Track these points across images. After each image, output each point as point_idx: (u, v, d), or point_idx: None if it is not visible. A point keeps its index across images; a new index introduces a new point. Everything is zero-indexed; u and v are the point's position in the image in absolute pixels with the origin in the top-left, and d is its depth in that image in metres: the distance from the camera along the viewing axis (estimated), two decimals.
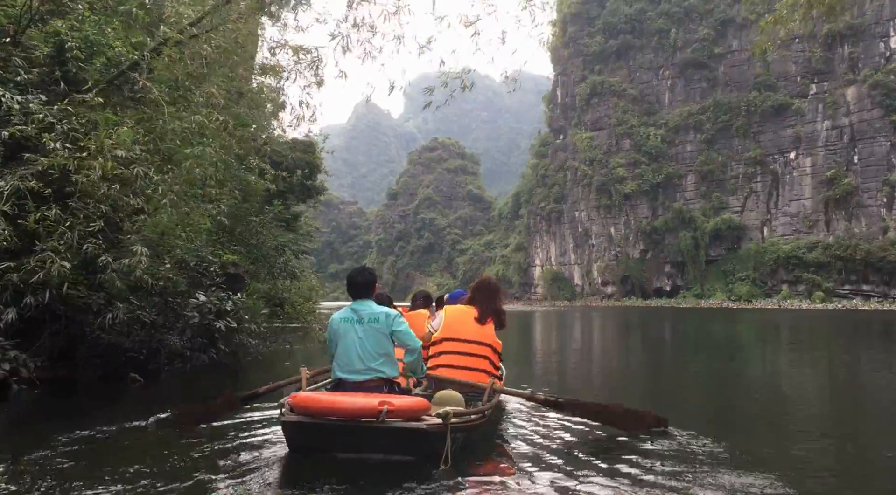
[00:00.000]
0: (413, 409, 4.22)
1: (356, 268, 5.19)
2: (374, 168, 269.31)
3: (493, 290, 5.96)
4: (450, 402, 4.78)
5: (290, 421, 4.26)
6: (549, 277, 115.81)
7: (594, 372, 12.00)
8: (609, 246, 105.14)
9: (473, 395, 5.31)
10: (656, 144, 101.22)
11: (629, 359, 15.08)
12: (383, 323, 4.74)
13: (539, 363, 13.63)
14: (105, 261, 6.46)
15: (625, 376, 11.18)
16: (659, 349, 17.91)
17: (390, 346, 4.80)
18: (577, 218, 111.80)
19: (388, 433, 4.14)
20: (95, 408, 6.58)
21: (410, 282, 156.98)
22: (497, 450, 4.96)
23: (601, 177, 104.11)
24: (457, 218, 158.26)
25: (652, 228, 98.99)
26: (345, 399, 4.21)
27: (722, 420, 6.72)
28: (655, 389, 9.57)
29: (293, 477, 4.09)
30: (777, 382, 10.08)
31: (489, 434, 5.34)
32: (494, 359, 5.72)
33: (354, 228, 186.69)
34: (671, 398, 8.52)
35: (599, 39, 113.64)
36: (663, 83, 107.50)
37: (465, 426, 4.52)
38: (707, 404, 8.13)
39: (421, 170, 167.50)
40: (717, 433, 5.45)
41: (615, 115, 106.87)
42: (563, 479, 4.09)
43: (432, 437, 4.18)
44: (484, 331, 5.70)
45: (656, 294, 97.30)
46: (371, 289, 4.98)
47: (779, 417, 6.92)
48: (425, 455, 4.22)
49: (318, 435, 4.26)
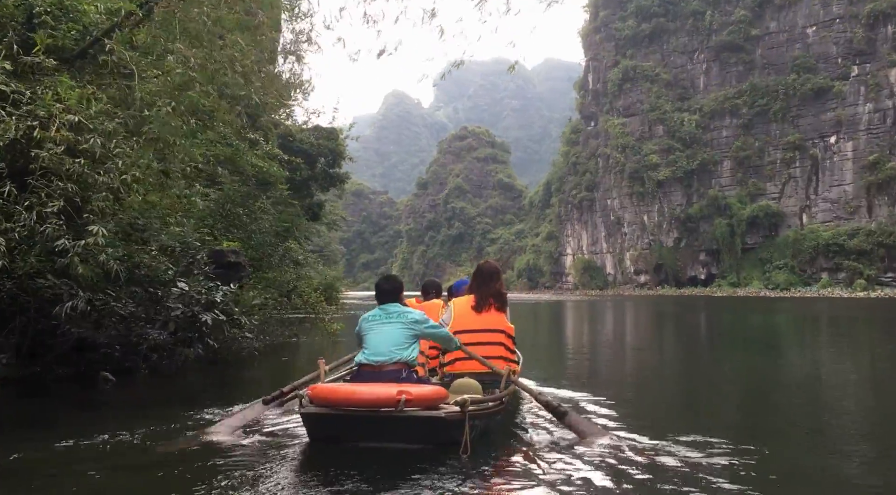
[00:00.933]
0: (431, 398, 4.24)
1: (384, 276, 5.47)
2: (404, 158, 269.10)
3: (488, 274, 5.83)
4: (467, 390, 4.80)
5: (309, 413, 4.31)
6: (580, 266, 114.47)
7: (626, 368, 11.25)
8: (642, 234, 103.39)
9: (490, 382, 5.28)
10: (691, 130, 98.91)
11: (663, 353, 14.24)
12: (412, 319, 4.93)
13: (570, 356, 13.00)
14: (63, 245, 5.83)
15: (658, 373, 10.43)
16: (693, 342, 17.01)
17: (412, 338, 4.91)
18: (610, 206, 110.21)
19: (406, 422, 4.17)
20: (48, 413, 5.86)
21: (441, 271, 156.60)
22: (515, 438, 4.94)
23: (634, 163, 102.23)
24: (487, 207, 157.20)
25: (686, 216, 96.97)
26: (363, 389, 4.26)
27: (757, 427, 5.96)
28: (689, 389, 8.86)
29: (314, 466, 4.10)
30: (818, 382, 9.21)
31: (507, 421, 5.34)
32: (509, 344, 5.68)
33: (385, 218, 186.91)
34: (704, 400, 7.82)
35: (632, 23, 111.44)
36: (698, 67, 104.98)
37: (483, 413, 4.54)
38: (742, 407, 7.37)
39: (451, 159, 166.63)
40: (750, 440, 4.91)
41: (648, 101, 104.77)
42: (581, 468, 4.03)
43: (451, 425, 4.20)
44: (493, 317, 5.66)
45: (690, 282, 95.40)
46: (398, 295, 5.21)
47: (821, 424, 6.15)
48: (445, 443, 4.22)
49: (337, 426, 4.31)
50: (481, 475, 3.87)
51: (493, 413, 4.75)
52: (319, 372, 5.20)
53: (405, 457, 4.11)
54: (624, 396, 7.32)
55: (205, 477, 3.77)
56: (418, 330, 4.93)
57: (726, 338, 18.34)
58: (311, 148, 31.94)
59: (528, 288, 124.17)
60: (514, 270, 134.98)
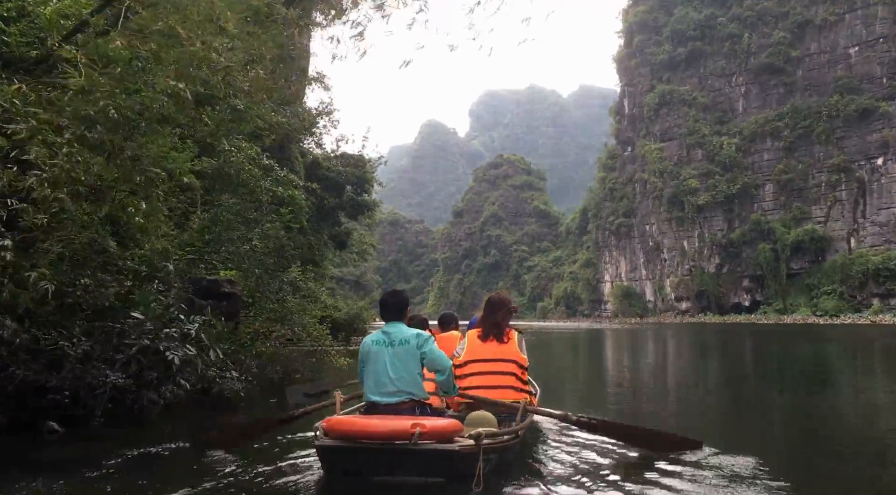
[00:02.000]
0: (446, 431, 4.21)
1: (389, 290, 5.33)
2: (441, 187, 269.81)
3: (492, 306, 5.83)
4: (482, 423, 4.73)
5: (324, 446, 4.30)
6: (619, 293, 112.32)
7: (669, 404, 10.23)
8: (682, 260, 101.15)
9: (506, 415, 5.26)
10: (730, 154, 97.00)
11: (707, 386, 13.08)
12: (413, 344, 4.76)
13: (610, 390, 12.08)
14: None
15: (702, 410, 9.42)
16: (739, 375, 15.74)
17: (420, 368, 4.81)
18: (648, 231, 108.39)
19: (420, 455, 4.12)
20: None
21: (478, 300, 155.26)
22: (531, 471, 4.81)
23: (672, 188, 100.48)
24: (523, 234, 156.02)
25: (728, 241, 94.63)
26: (378, 422, 4.24)
27: (807, 472, 5.16)
28: (737, 427, 7.94)
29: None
30: (875, 422, 8.14)
31: (523, 454, 5.20)
32: (520, 374, 5.62)
33: (421, 247, 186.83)
34: (754, 439, 6.82)
35: (667, 47, 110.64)
36: (737, 90, 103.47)
37: (498, 447, 4.50)
38: (791, 449, 6.49)
39: (486, 187, 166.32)
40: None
41: (686, 125, 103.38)
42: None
43: (465, 459, 4.14)
44: (505, 348, 5.65)
45: (734, 309, 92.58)
46: (403, 311, 5.03)
47: (880, 473, 5.21)
48: (458, 477, 4.16)
49: (352, 459, 4.30)
50: None
51: (508, 446, 4.68)
52: (335, 403, 5.24)
53: (420, 492, 4.11)
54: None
55: None
56: (422, 359, 4.80)
57: (774, 370, 17.06)
58: (339, 175, 31.64)
59: (567, 316, 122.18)
60: (552, 298, 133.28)
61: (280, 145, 28.69)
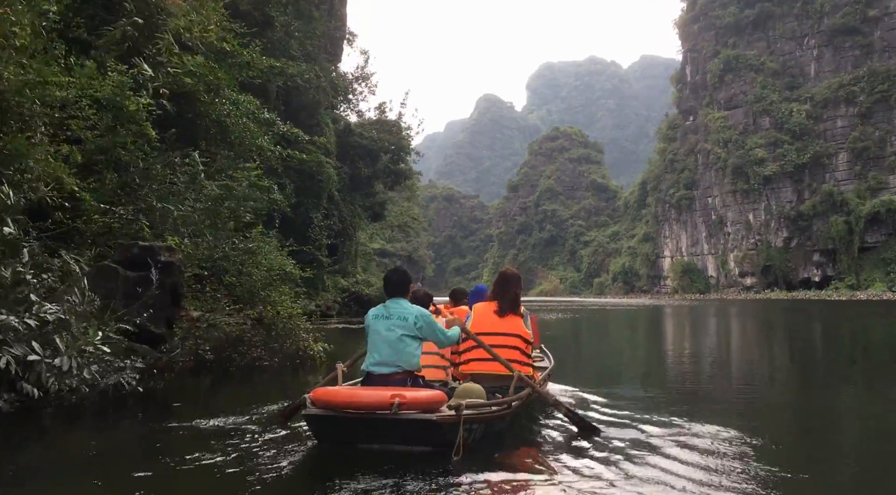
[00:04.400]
0: (427, 401, 4.34)
1: (392, 268, 5.59)
2: (497, 161, 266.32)
3: (508, 280, 5.95)
4: (469, 395, 4.91)
5: (309, 414, 4.48)
6: (679, 269, 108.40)
7: (733, 393, 8.54)
8: (747, 234, 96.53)
9: (502, 388, 5.38)
10: (800, 121, 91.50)
11: (773, 373, 11.04)
12: (410, 321, 4.93)
13: (669, 373, 10.57)
14: None
15: (769, 403, 7.73)
16: (811, 359, 13.58)
17: (414, 343, 4.94)
18: (710, 204, 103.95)
19: (401, 424, 4.29)
20: None
21: (533, 276, 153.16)
22: (525, 442, 5.04)
23: (737, 159, 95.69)
24: (580, 209, 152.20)
25: (797, 213, 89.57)
26: (360, 392, 4.45)
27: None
28: (805, 425, 6.42)
29: (316, 465, 4.41)
30: None
31: (523, 426, 5.44)
32: (524, 348, 5.72)
33: (476, 222, 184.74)
34: (821, 446, 5.39)
35: (733, 10, 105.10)
36: (808, 53, 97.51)
37: (481, 417, 4.61)
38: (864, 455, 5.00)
39: (542, 160, 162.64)
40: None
41: (752, 92, 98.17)
42: (582, 478, 3.97)
43: (444, 428, 4.29)
44: (511, 322, 5.75)
45: (803, 285, 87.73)
46: (405, 288, 5.18)
47: None
48: (439, 445, 4.32)
49: (336, 427, 4.48)
50: (471, 477, 3.94)
51: (495, 417, 4.83)
52: (337, 375, 5.35)
53: (400, 458, 4.22)
54: (729, 423, 5.63)
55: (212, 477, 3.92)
56: (416, 332, 4.92)
57: (846, 355, 14.85)
58: (373, 143, 30.06)
59: (624, 292, 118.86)
60: (609, 274, 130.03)
61: (309, 111, 27.40)
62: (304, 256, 25.44)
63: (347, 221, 29.89)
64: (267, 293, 9.66)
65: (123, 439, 5.35)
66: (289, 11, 19.73)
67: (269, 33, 17.52)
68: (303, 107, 26.35)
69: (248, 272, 9.29)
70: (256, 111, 14.33)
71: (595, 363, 13.07)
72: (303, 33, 22.41)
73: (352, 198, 30.53)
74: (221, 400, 7.18)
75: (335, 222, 27.89)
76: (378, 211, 32.88)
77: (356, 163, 30.18)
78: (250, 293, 9.50)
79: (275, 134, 14.51)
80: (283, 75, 15.85)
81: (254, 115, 14.19)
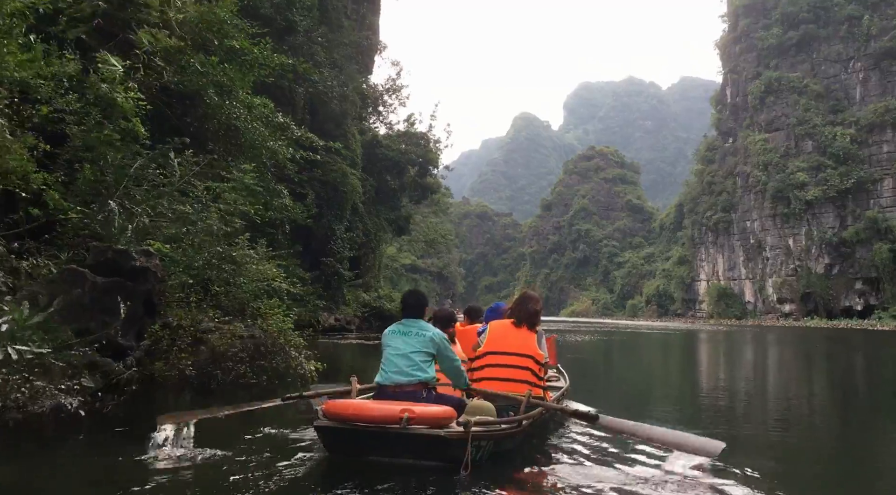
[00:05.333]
0: (437, 417, 4.41)
1: (410, 290, 5.68)
2: (532, 180, 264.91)
3: (527, 298, 6.00)
4: (479, 412, 4.88)
5: (320, 426, 4.58)
6: (715, 293, 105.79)
7: (768, 423, 7.95)
8: (787, 259, 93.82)
9: (514, 407, 5.37)
10: (844, 145, 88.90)
11: (813, 411, 10.01)
12: (428, 336, 5.06)
13: (700, 406, 9.82)
14: None
15: (806, 445, 6.97)
16: (853, 395, 12.57)
17: (429, 359, 5.03)
18: (749, 228, 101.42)
19: (410, 439, 4.34)
20: None
21: (565, 296, 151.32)
22: (535, 462, 4.97)
23: (777, 182, 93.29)
24: (614, 229, 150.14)
25: (840, 240, 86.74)
26: (371, 406, 4.52)
27: None
28: (843, 472, 5.73)
29: (323, 476, 4.46)
30: None
31: (535, 446, 5.47)
32: (537, 370, 5.74)
33: (508, 240, 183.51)
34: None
35: (776, 31, 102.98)
36: (854, 76, 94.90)
37: (489, 435, 4.63)
38: None
39: (576, 179, 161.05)
40: None
41: (795, 114, 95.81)
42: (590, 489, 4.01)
43: (452, 444, 4.34)
44: (525, 339, 5.79)
45: (844, 314, 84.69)
46: (422, 310, 5.32)
47: None
48: (447, 461, 4.37)
49: (347, 439, 4.54)
50: (474, 492, 3.98)
51: (505, 435, 4.83)
52: (351, 389, 5.49)
53: (408, 472, 4.27)
54: (759, 466, 5.17)
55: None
56: (433, 349, 5.03)
57: (892, 386, 13.73)
58: (399, 155, 29.45)
59: (658, 315, 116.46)
60: (643, 296, 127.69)
61: (336, 121, 26.99)
62: (326, 269, 25.01)
63: (371, 234, 29.36)
64: (256, 306, 8.98)
65: (67, 466, 4.72)
66: (314, 16, 19.37)
67: (290, 38, 17.10)
68: (329, 117, 25.99)
69: (236, 282, 8.53)
70: (270, 115, 13.86)
71: (621, 390, 12.39)
72: (329, 41, 22.05)
73: (377, 210, 30.03)
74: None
75: (358, 235, 27.37)
76: (403, 225, 32.30)
77: (382, 175, 29.70)
78: (240, 305, 8.82)
79: (289, 138, 13.99)
80: (297, 75, 15.33)
81: (267, 118, 13.73)
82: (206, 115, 11.86)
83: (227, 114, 12.26)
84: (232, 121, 12.41)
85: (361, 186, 27.43)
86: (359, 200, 26.79)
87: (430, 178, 32.45)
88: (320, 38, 20.38)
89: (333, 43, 22.90)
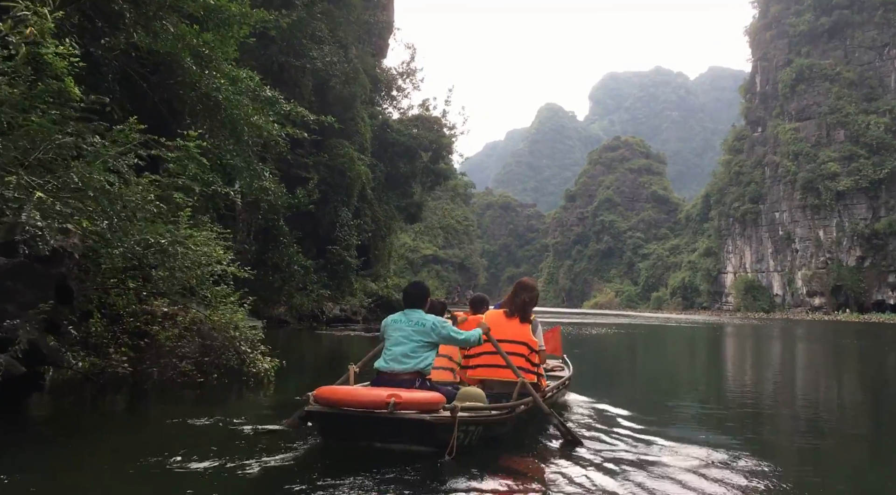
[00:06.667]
0: (424, 402, 4.44)
1: (412, 282, 5.85)
2: (557, 171, 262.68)
3: (520, 288, 6.16)
4: (470, 398, 5.03)
5: (310, 411, 4.57)
6: (742, 286, 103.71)
7: (798, 431, 6.99)
8: (817, 251, 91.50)
9: (509, 394, 5.48)
10: (878, 134, 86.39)
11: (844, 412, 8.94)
12: (428, 326, 5.14)
13: (725, 403, 9.09)
14: None
15: (838, 450, 6.19)
16: (887, 395, 11.47)
17: (428, 349, 5.11)
18: (778, 219, 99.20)
19: (397, 423, 4.38)
20: None
21: (588, 287, 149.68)
22: (526, 449, 5.06)
23: (808, 172, 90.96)
24: (639, 220, 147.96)
25: (872, 231, 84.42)
26: (359, 391, 4.53)
27: None
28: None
29: (314, 459, 4.46)
30: None
31: (527, 433, 5.48)
32: (532, 357, 5.90)
33: (532, 231, 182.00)
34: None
35: (808, 17, 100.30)
36: (888, 64, 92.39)
37: (477, 420, 4.70)
38: None
39: (601, 170, 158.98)
40: None
41: (827, 102, 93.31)
42: (575, 488, 3.99)
43: (438, 429, 4.39)
44: (518, 328, 5.94)
45: (876, 307, 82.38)
46: (423, 301, 5.42)
47: None
48: (434, 445, 4.42)
49: (337, 424, 4.58)
50: (461, 477, 4.04)
51: (493, 421, 4.93)
52: (349, 376, 5.49)
53: (395, 457, 4.31)
54: (790, 467, 5.09)
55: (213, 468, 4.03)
56: (434, 337, 5.12)
57: None
58: (412, 140, 28.42)
59: (683, 307, 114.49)
60: (668, 288, 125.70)
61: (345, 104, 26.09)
62: (331, 257, 24.20)
63: (381, 221, 28.49)
64: (203, 294, 8.03)
65: None
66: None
67: (287, 11, 16.26)
68: (337, 100, 25.14)
69: (180, 267, 7.48)
70: (257, 88, 13.01)
71: (644, 385, 11.64)
72: (332, 17, 21.16)
73: (387, 197, 29.17)
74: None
75: (367, 222, 26.51)
76: (414, 212, 31.36)
77: (393, 160, 28.81)
78: (185, 291, 7.89)
79: (278, 114, 13.16)
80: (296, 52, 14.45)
81: (254, 92, 12.88)
82: (182, 83, 11.06)
83: (206, 84, 11.44)
84: (212, 92, 11.58)
85: (371, 172, 26.56)
86: (367, 186, 25.93)
87: (444, 165, 31.49)
88: (319, 13, 19.50)
89: (338, 20, 22.04)
